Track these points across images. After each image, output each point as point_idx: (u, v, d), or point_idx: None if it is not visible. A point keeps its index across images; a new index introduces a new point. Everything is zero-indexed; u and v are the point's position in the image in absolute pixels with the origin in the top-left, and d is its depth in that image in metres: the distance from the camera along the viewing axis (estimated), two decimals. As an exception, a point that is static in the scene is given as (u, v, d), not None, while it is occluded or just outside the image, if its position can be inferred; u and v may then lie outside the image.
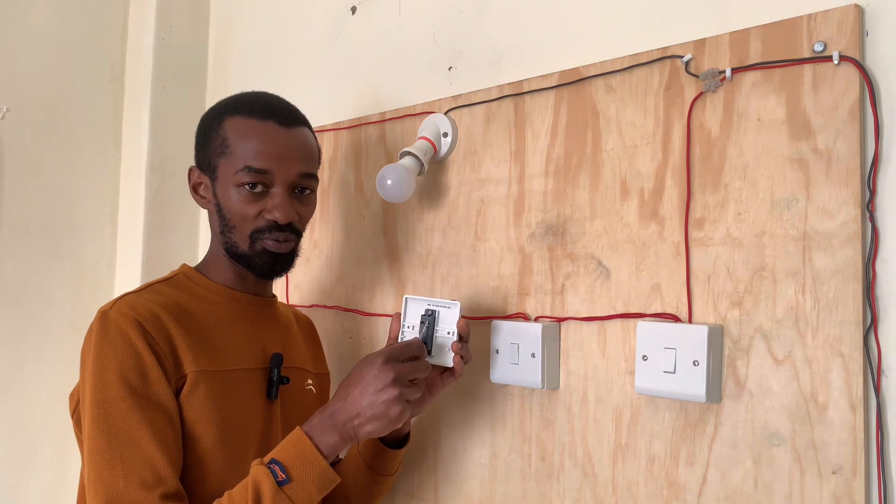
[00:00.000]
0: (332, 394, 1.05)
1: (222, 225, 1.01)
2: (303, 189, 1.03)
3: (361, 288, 1.31)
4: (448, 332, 0.98)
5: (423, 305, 0.99)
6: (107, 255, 1.68)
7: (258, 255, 1.00)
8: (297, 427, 0.90)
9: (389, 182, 1.10)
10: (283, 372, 1.03)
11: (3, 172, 1.51)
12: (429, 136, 1.16)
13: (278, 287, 1.45)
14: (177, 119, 1.66)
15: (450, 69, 1.23)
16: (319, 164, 1.09)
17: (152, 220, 1.62)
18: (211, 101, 1.71)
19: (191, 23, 1.71)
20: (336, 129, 1.37)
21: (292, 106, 1.05)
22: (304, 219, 1.05)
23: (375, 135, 1.30)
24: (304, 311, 1.41)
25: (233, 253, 1.02)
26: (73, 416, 0.97)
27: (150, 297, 0.97)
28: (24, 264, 1.54)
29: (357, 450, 1.07)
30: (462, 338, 0.98)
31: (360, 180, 1.33)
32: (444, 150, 1.17)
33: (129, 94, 1.69)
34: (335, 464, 1.06)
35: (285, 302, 1.44)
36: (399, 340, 1.00)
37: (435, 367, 0.99)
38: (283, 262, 1.03)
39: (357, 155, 1.34)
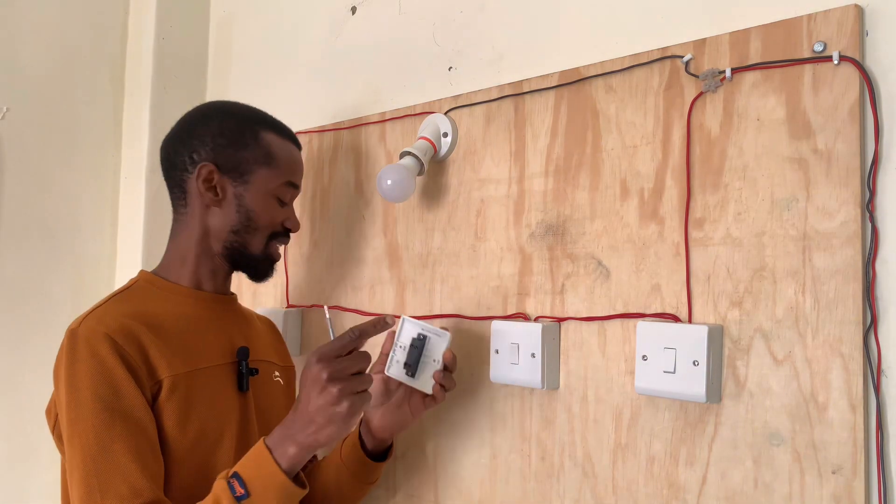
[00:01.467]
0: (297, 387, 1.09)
1: (240, 224, 1.07)
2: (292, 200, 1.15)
3: (361, 288, 1.31)
4: (434, 360, 1.03)
5: (417, 329, 1.04)
6: (107, 255, 1.68)
7: (266, 257, 1.11)
8: (261, 439, 0.90)
9: (389, 182, 1.10)
10: (251, 364, 1.08)
11: (3, 172, 1.51)
12: (429, 136, 1.16)
13: (278, 287, 1.46)
14: (177, 119, 1.66)
15: (450, 69, 1.23)
16: None
17: (152, 220, 1.62)
18: (211, 101, 1.72)
19: (191, 23, 1.71)
20: (336, 129, 1.37)
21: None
22: None
23: (375, 135, 1.30)
24: (304, 311, 1.41)
25: (237, 252, 1.08)
26: (53, 431, 1.00)
27: (117, 308, 0.99)
28: (24, 264, 1.54)
29: (340, 459, 1.09)
30: (447, 367, 1.03)
31: (360, 180, 1.33)
32: (444, 150, 1.17)
33: (129, 94, 1.69)
34: (311, 464, 1.14)
35: (287, 302, 1.44)
36: (390, 358, 1.04)
37: (417, 391, 1.04)
38: (274, 268, 1.14)
39: (357, 155, 1.34)
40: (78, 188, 1.63)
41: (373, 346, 1.28)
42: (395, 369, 1.05)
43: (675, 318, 0.92)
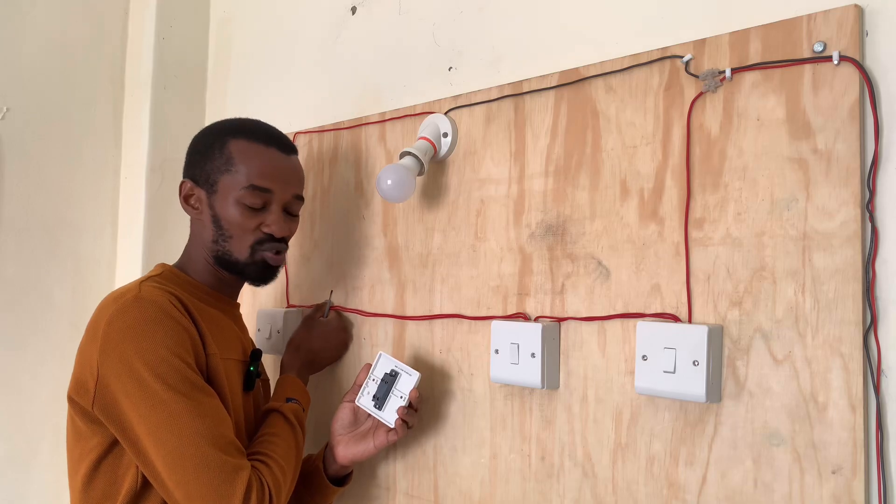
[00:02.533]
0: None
1: (217, 234, 1.10)
2: (293, 209, 1.15)
3: (361, 288, 1.31)
4: (401, 396, 1.11)
5: (391, 366, 1.13)
6: (107, 255, 1.68)
7: (255, 264, 1.11)
8: (288, 375, 1.20)
9: (389, 182, 1.10)
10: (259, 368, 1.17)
11: (3, 172, 1.51)
12: (429, 136, 1.16)
13: (278, 287, 1.46)
14: (177, 119, 1.67)
15: (450, 69, 1.23)
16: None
17: (152, 220, 1.62)
18: (211, 101, 1.72)
19: (191, 23, 1.71)
20: (336, 129, 1.37)
21: (287, 137, 1.17)
22: (293, 234, 1.17)
23: (375, 135, 1.30)
24: (304, 311, 1.41)
25: (224, 260, 1.11)
26: (91, 407, 0.95)
27: (161, 286, 1.03)
28: (24, 264, 1.54)
29: (301, 478, 1.17)
30: (411, 405, 1.11)
31: (360, 180, 1.33)
32: (444, 150, 1.17)
33: (129, 94, 1.69)
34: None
35: (287, 302, 1.44)
36: (362, 388, 1.14)
37: (383, 425, 1.12)
38: (274, 272, 1.15)
39: (357, 155, 1.34)
40: (78, 188, 1.63)
41: (372, 342, 1.28)
42: (365, 399, 1.13)
43: (675, 318, 0.92)
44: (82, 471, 0.99)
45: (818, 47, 0.82)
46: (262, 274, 1.12)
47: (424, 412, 1.19)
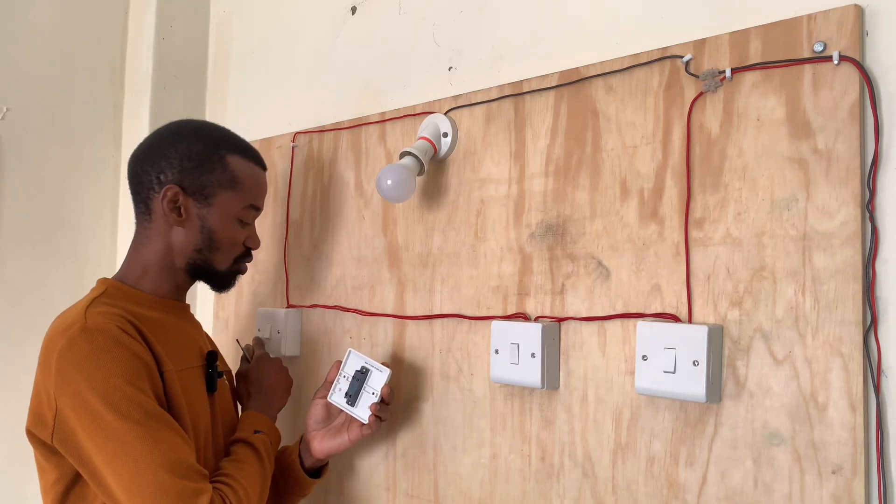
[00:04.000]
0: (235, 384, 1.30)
1: (203, 244, 1.10)
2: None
3: (361, 288, 1.31)
4: (373, 392, 1.14)
5: (361, 362, 1.16)
6: (107, 255, 1.68)
7: (231, 274, 1.16)
8: (250, 412, 1.17)
9: (389, 182, 1.10)
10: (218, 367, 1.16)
11: (3, 172, 1.51)
12: (429, 136, 1.16)
13: (278, 287, 1.46)
14: (177, 119, 1.66)
15: (450, 69, 1.23)
16: None
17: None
18: (211, 101, 1.72)
19: (191, 23, 1.71)
20: (336, 129, 1.37)
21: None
22: None
23: (375, 135, 1.30)
24: (304, 311, 1.41)
25: (200, 268, 1.12)
26: (51, 440, 0.97)
27: (106, 309, 1.01)
28: (24, 264, 1.54)
29: (278, 471, 1.19)
30: (384, 400, 1.14)
31: (360, 180, 1.33)
32: (444, 150, 1.17)
33: (129, 94, 1.69)
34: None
35: (287, 302, 1.44)
36: (334, 385, 1.18)
37: (356, 420, 1.15)
38: (237, 279, 1.19)
39: (357, 155, 1.34)
40: (78, 188, 1.63)
41: (372, 341, 1.28)
42: (337, 396, 1.17)
43: (675, 318, 0.92)
44: (54, 499, 1.00)
45: (818, 47, 0.82)
46: (231, 282, 1.17)
47: (425, 412, 1.19)
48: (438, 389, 1.17)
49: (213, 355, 1.14)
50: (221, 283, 1.16)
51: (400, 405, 1.22)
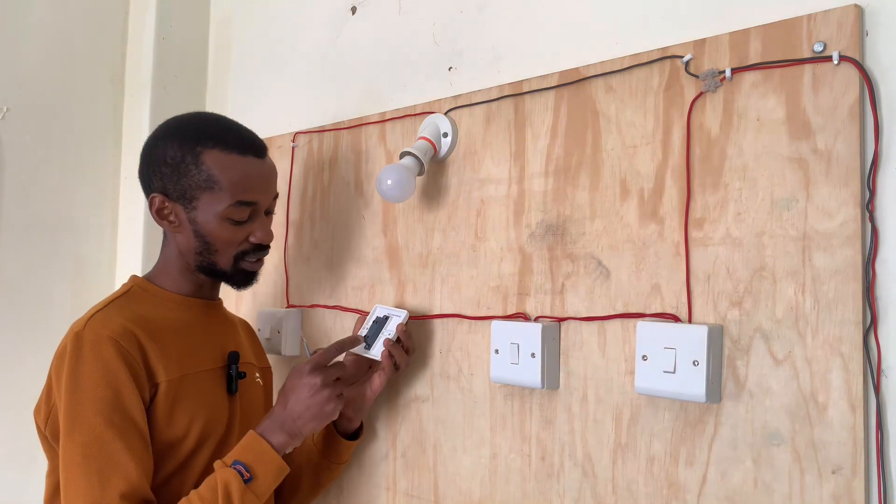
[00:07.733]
0: (274, 388, 1.26)
1: (200, 247, 1.08)
2: (272, 209, 1.15)
3: (361, 288, 1.31)
4: (390, 334, 1.14)
5: (384, 312, 1.18)
6: (107, 255, 1.68)
7: (238, 272, 1.11)
8: (251, 431, 1.02)
9: (389, 182, 1.10)
10: (239, 367, 1.13)
11: (3, 172, 1.51)
12: (429, 137, 1.16)
13: (278, 287, 1.46)
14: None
15: (450, 69, 1.23)
16: None
17: (152, 221, 1.61)
18: (211, 101, 1.72)
19: (191, 23, 1.71)
20: (336, 129, 1.37)
21: (255, 134, 1.12)
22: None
23: (375, 135, 1.30)
24: (304, 310, 1.41)
25: (208, 270, 1.10)
26: (44, 429, 1.02)
27: (119, 312, 1.02)
28: (24, 264, 1.54)
29: (312, 440, 1.19)
30: (400, 339, 1.14)
31: (360, 180, 1.33)
32: (444, 150, 1.17)
33: (129, 94, 1.69)
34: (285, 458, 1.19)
35: (287, 302, 1.44)
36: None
37: (376, 373, 1.16)
38: (256, 277, 1.15)
39: (357, 155, 1.34)
40: (78, 188, 1.63)
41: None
42: (357, 347, 1.16)
43: (675, 318, 0.92)
44: (49, 489, 1.04)
45: (818, 47, 0.82)
46: (246, 280, 1.14)
47: (425, 411, 1.19)
48: (438, 389, 1.17)
49: (234, 355, 1.12)
50: (234, 281, 1.13)
51: (400, 405, 1.23)
